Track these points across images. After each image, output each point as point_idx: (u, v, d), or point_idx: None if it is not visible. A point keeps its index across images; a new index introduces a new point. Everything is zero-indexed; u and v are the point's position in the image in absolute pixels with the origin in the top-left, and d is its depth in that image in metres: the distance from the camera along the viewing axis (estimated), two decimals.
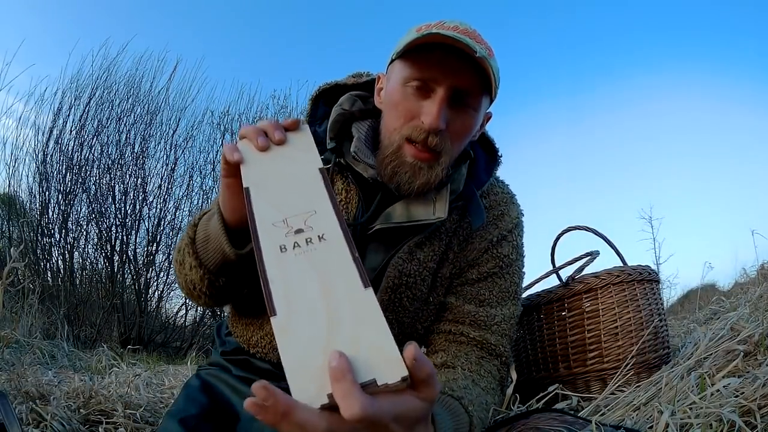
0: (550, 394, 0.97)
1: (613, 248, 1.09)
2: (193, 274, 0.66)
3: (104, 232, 3.70)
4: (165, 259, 3.92)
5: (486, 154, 0.83)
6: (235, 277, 0.66)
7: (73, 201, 3.66)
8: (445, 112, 0.64)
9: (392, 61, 0.70)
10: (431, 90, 0.65)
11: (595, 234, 1.09)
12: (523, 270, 0.83)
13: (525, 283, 1.11)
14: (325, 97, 0.81)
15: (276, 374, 0.76)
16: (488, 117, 0.78)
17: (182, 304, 3.98)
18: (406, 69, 0.66)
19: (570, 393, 0.99)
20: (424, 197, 0.71)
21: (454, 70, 0.63)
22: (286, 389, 0.43)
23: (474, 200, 0.75)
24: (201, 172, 4.13)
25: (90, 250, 3.76)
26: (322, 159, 0.75)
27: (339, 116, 0.75)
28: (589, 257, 1.07)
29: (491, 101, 0.73)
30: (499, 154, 0.82)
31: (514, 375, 0.94)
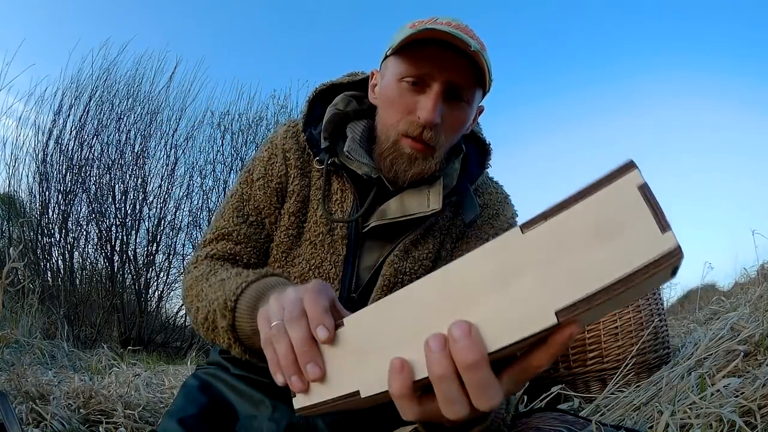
0: (552, 395, 0.96)
1: None
2: (233, 350, 0.61)
3: (104, 232, 3.70)
4: (165, 259, 3.93)
5: (477, 148, 0.83)
6: None
7: (73, 201, 3.67)
8: (440, 106, 0.65)
9: (386, 57, 0.71)
10: (426, 85, 0.65)
11: None
12: None
13: None
14: (322, 99, 0.80)
15: None
16: (480, 110, 0.78)
17: (182, 304, 3.98)
18: (401, 65, 0.67)
19: (572, 393, 0.99)
20: (418, 192, 0.72)
21: (449, 65, 0.64)
22: (285, 388, 0.43)
23: (467, 194, 0.75)
24: (201, 172, 4.14)
25: (90, 250, 3.76)
26: (316, 161, 0.76)
27: (333, 116, 0.75)
28: None
29: (484, 94, 0.73)
30: (488, 143, 0.82)
31: None
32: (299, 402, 0.42)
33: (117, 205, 3.76)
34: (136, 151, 3.89)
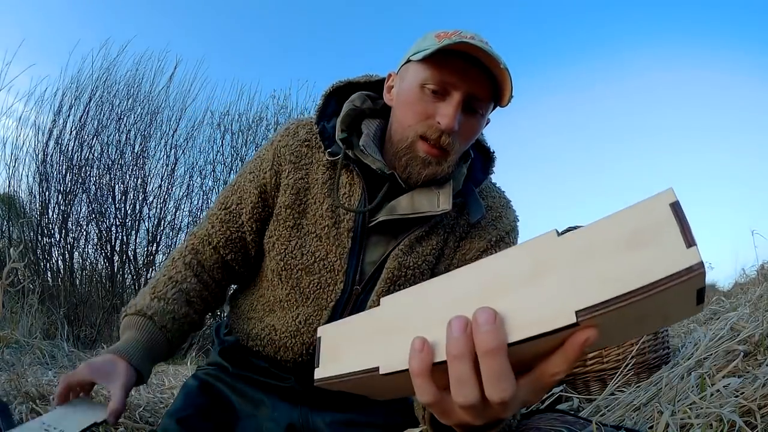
0: (552, 395, 0.97)
1: None
2: None
3: (104, 232, 3.70)
4: (165, 259, 3.92)
5: (481, 155, 0.85)
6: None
7: (73, 201, 3.66)
8: (459, 115, 0.68)
9: (407, 61, 0.73)
10: (447, 93, 0.68)
11: None
12: None
13: None
14: (337, 96, 0.82)
15: (273, 372, 0.76)
16: (487, 122, 0.80)
17: None
18: (424, 72, 0.69)
19: (572, 394, 0.99)
20: (428, 192, 0.74)
21: (471, 78, 0.67)
22: (285, 388, 0.43)
23: (472, 196, 0.78)
24: (201, 173, 4.13)
25: (90, 250, 3.75)
26: (329, 152, 0.77)
27: (350, 111, 0.78)
28: None
29: (494, 108, 0.76)
30: (492, 150, 0.85)
31: None
32: (320, 373, 0.44)
33: (117, 205, 3.75)
34: (136, 151, 3.89)
